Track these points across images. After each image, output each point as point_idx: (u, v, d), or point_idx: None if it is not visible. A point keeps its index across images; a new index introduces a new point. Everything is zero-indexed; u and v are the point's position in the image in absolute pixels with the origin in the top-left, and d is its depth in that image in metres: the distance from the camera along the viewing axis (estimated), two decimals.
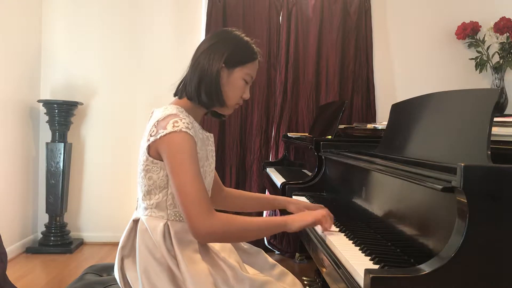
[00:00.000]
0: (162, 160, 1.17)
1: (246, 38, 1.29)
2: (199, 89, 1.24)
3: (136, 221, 1.23)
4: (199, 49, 1.28)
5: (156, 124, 1.17)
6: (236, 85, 1.27)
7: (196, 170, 1.13)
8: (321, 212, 1.26)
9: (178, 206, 1.19)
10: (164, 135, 1.14)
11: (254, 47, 1.30)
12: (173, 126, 1.13)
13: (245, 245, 1.38)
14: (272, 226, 1.25)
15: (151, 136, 1.17)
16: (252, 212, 3.21)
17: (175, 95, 1.31)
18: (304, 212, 1.30)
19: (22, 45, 3.27)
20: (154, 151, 1.18)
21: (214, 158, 1.33)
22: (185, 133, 1.13)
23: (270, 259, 1.39)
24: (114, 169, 3.53)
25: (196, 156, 1.15)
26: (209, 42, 1.28)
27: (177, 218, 1.20)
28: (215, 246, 1.23)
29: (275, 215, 3.28)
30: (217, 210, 1.16)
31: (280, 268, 1.38)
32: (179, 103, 1.26)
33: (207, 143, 1.29)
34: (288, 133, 3.14)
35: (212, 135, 1.33)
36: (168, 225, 1.19)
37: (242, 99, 1.30)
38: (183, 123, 1.14)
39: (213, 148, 1.33)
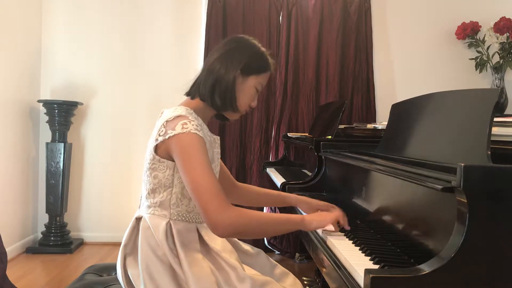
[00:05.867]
0: (169, 160, 1.19)
1: (263, 49, 1.33)
2: (212, 92, 1.26)
3: (138, 219, 1.24)
4: (215, 53, 1.30)
5: (165, 124, 1.18)
6: (248, 92, 1.29)
7: (208, 165, 1.14)
8: (338, 214, 1.28)
9: (181, 206, 1.21)
10: (173, 136, 1.15)
11: (269, 58, 1.33)
12: (182, 128, 1.15)
13: (245, 246, 1.38)
14: (289, 222, 1.24)
15: (159, 135, 1.18)
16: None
17: (187, 94, 1.32)
18: (321, 213, 1.31)
19: (22, 45, 3.27)
20: (162, 151, 1.19)
21: (219, 160, 1.35)
22: (195, 134, 1.15)
23: (271, 260, 1.40)
24: (114, 169, 3.53)
25: (207, 154, 1.16)
26: (226, 47, 1.30)
27: (179, 218, 1.21)
28: (216, 246, 1.24)
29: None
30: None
31: (281, 268, 1.38)
32: (190, 104, 1.28)
33: (214, 145, 1.31)
34: (288, 133, 3.14)
35: (218, 137, 1.35)
36: (170, 224, 1.20)
37: (249, 107, 1.33)
38: (192, 125, 1.15)
39: (219, 151, 1.35)
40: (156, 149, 1.20)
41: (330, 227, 1.26)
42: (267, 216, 1.21)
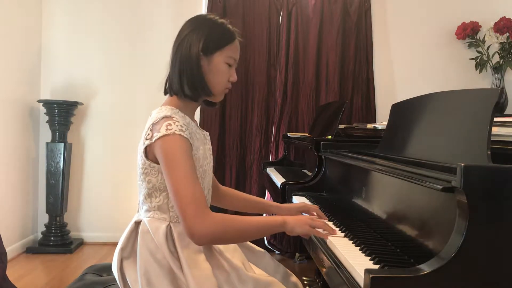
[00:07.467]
0: (159, 164, 1.16)
1: (221, 20, 1.26)
2: (181, 83, 1.22)
3: (137, 223, 1.22)
4: (176, 41, 1.25)
5: (151, 127, 1.16)
6: (219, 70, 1.23)
7: (190, 170, 1.11)
8: (319, 225, 1.21)
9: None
10: (158, 138, 1.13)
11: (230, 28, 1.26)
12: (167, 129, 1.12)
13: (250, 242, 1.37)
14: (270, 227, 1.22)
15: (146, 139, 1.16)
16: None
17: (165, 93, 1.29)
18: (303, 220, 1.22)
19: (22, 45, 3.27)
20: (151, 154, 1.17)
21: (212, 156, 1.32)
22: (179, 136, 1.12)
23: (275, 261, 1.39)
24: (114, 169, 3.53)
25: (190, 157, 1.14)
26: (184, 32, 1.25)
27: (179, 220, 1.18)
28: (219, 245, 1.22)
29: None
30: (213, 209, 1.15)
31: (284, 269, 1.38)
32: (172, 102, 1.25)
33: (204, 141, 1.28)
34: (288, 133, 3.14)
35: (208, 133, 1.33)
36: (170, 227, 1.18)
37: (229, 83, 1.27)
38: (177, 125, 1.13)
39: (210, 146, 1.32)
40: (146, 153, 1.18)
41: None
42: (246, 222, 1.16)
